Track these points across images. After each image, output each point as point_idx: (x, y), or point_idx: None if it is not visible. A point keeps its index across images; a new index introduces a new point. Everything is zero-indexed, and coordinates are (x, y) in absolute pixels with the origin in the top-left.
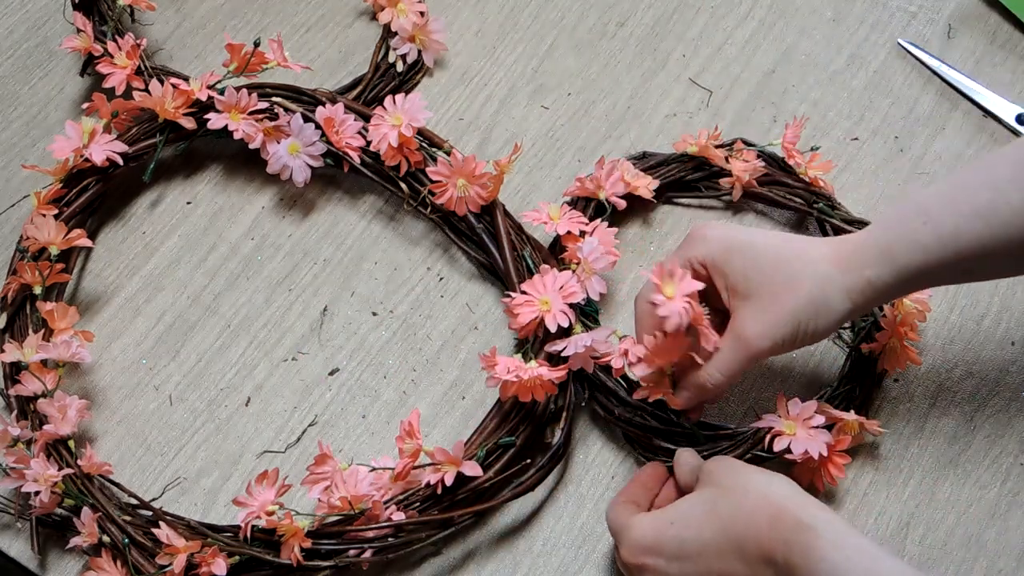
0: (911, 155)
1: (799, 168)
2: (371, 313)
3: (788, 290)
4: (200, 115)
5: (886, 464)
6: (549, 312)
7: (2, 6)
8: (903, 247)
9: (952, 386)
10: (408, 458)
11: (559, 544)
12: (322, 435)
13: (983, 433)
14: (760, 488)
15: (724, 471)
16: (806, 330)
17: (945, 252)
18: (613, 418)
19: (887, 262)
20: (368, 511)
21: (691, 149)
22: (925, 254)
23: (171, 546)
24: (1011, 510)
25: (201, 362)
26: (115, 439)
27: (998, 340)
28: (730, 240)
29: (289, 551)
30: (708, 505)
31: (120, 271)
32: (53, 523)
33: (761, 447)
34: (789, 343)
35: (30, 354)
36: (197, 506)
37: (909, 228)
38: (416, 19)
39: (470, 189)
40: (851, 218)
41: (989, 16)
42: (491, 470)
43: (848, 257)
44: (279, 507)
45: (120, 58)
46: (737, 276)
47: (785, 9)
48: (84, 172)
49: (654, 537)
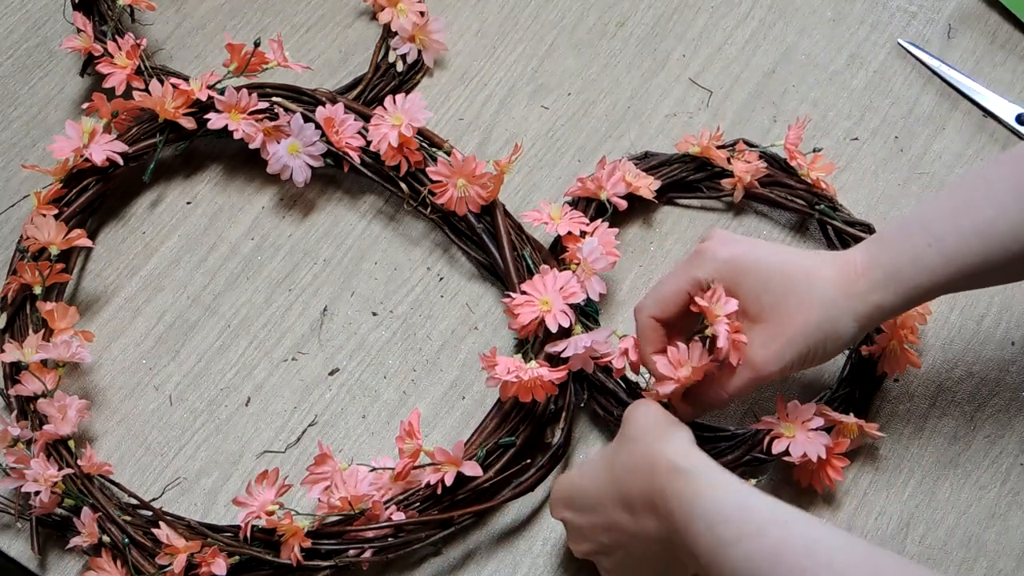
0: (911, 155)
1: (801, 169)
2: (371, 313)
3: (798, 315)
4: (200, 115)
5: (886, 464)
6: (549, 312)
7: (2, 6)
8: (910, 271)
9: (952, 386)
10: (408, 458)
11: (559, 544)
12: (322, 435)
13: (983, 433)
14: (648, 438)
15: (630, 420)
16: (814, 355)
17: (950, 271)
18: (612, 418)
19: (894, 284)
20: (368, 511)
21: (693, 150)
22: (931, 275)
23: (171, 546)
24: (1011, 510)
25: (201, 362)
26: (115, 439)
27: (998, 340)
28: (738, 261)
29: (289, 551)
30: (608, 458)
31: (120, 271)
32: (53, 523)
33: (760, 449)
34: (797, 366)
35: (30, 354)
36: (197, 506)
37: (915, 250)
38: (416, 19)
39: (470, 189)
40: (853, 220)
41: (989, 16)
42: (491, 470)
43: (855, 280)
44: (279, 507)
45: (120, 58)
46: (749, 299)
47: (785, 9)
48: (84, 172)
49: (567, 490)
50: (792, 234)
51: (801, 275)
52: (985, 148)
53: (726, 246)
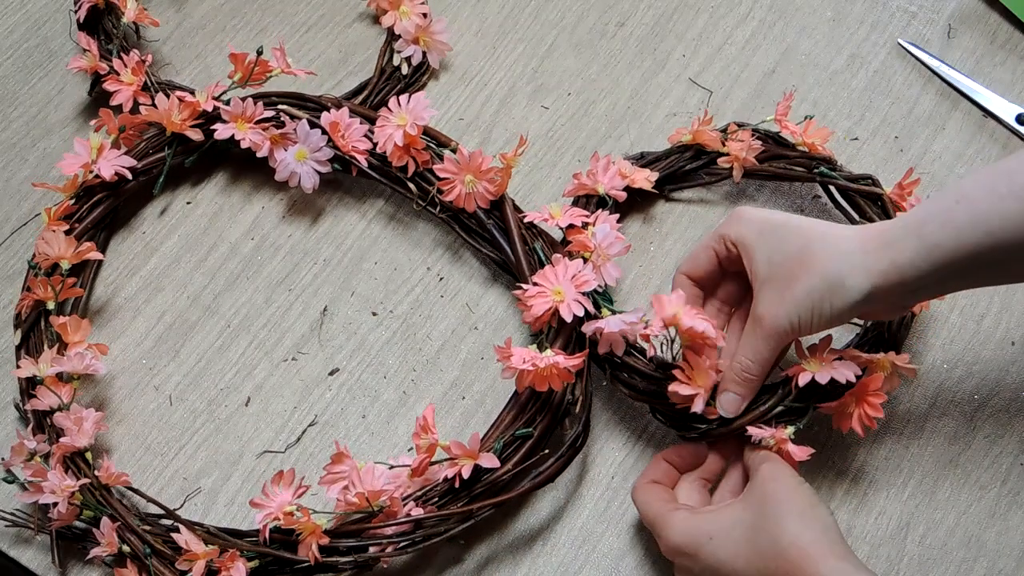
0: (911, 155)
1: (795, 138)
2: (371, 313)
3: (804, 270)
4: (207, 126)
5: (886, 464)
6: (563, 302)
7: (2, 6)
8: (934, 226)
9: (952, 386)
10: (424, 453)
11: (559, 544)
12: (322, 435)
13: (983, 433)
14: (794, 529)
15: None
16: (821, 310)
17: (978, 233)
18: (638, 394)
19: (914, 240)
20: (386, 508)
21: (685, 138)
22: (957, 233)
23: (190, 552)
24: (1011, 510)
25: (201, 362)
26: (115, 439)
27: (998, 340)
28: (764, 222)
29: (307, 549)
30: (748, 533)
31: (120, 271)
32: (72, 535)
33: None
34: (807, 322)
35: (45, 369)
36: (197, 506)
37: (942, 207)
38: (419, 21)
39: (478, 185)
40: (855, 175)
41: (989, 16)
42: (509, 462)
43: (874, 236)
44: (296, 508)
45: (126, 75)
46: (761, 259)
47: (785, 9)
48: (94, 188)
49: (692, 545)
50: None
51: (819, 235)
52: (985, 148)
53: (757, 211)
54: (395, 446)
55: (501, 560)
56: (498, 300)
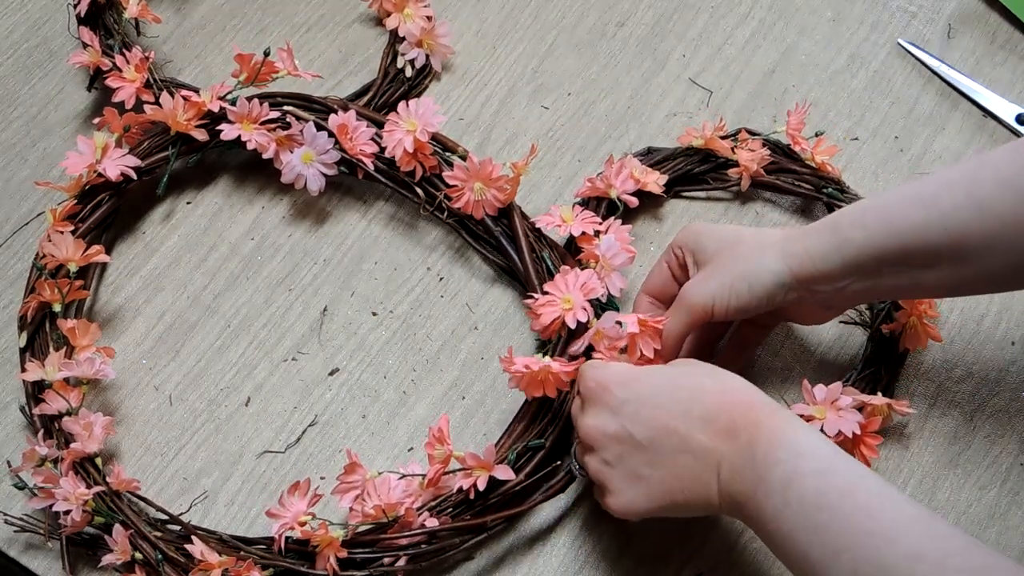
0: (911, 155)
1: (805, 154)
2: (371, 313)
3: (730, 255)
4: (212, 127)
5: (886, 464)
6: (571, 311)
7: (2, 6)
8: (848, 222)
9: (952, 386)
10: (439, 464)
11: (559, 544)
12: (322, 435)
13: (983, 433)
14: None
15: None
16: (740, 291)
17: (885, 234)
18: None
19: (829, 233)
20: (401, 518)
21: (696, 142)
22: (867, 231)
23: (205, 562)
24: (1011, 510)
25: (201, 362)
26: (115, 439)
27: (998, 340)
28: (703, 228)
29: (324, 561)
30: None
31: (120, 271)
32: (82, 541)
33: None
34: (723, 302)
35: (53, 373)
36: (197, 506)
37: (860, 208)
38: (423, 23)
39: (487, 192)
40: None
41: (989, 16)
42: (521, 473)
43: (797, 230)
44: (312, 517)
45: (129, 71)
46: (700, 254)
47: (785, 9)
48: (98, 188)
49: (623, 377)
50: (798, 219)
51: (752, 231)
52: (985, 148)
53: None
54: (395, 446)
55: (501, 560)
56: (498, 300)
